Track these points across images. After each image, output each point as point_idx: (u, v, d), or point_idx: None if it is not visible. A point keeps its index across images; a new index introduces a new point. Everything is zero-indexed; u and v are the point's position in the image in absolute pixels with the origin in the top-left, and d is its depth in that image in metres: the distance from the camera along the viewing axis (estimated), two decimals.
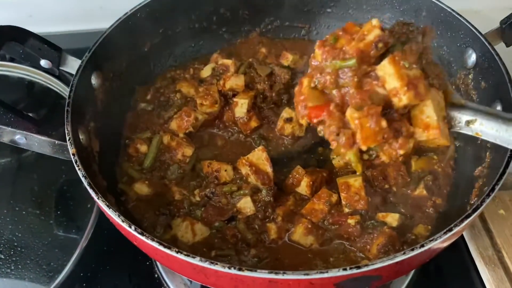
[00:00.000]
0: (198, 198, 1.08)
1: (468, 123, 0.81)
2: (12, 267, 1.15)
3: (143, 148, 1.16)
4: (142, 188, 1.10)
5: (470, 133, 0.82)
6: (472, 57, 1.09)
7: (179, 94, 1.25)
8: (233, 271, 0.72)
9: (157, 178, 1.13)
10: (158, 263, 1.21)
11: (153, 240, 0.76)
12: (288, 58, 1.29)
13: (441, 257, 1.18)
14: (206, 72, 1.28)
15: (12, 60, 1.45)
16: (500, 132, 0.78)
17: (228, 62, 1.24)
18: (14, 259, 1.16)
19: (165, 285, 1.18)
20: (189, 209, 1.07)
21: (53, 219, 1.23)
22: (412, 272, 1.18)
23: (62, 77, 1.44)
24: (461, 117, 0.82)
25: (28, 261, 1.16)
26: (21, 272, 1.14)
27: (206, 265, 0.73)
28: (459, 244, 1.22)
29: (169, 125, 1.20)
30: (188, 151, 1.15)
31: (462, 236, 1.22)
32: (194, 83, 1.27)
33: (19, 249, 1.17)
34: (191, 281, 1.12)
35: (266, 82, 1.22)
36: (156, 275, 1.20)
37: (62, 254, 1.16)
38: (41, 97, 1.46)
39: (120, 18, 1.17)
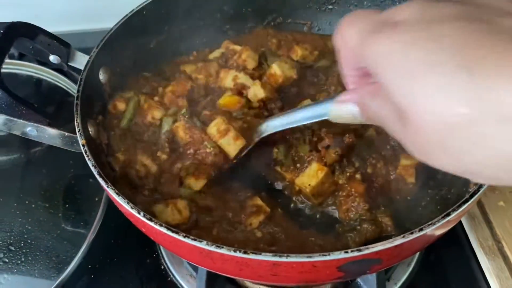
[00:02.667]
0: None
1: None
2: (23, 259, 1.17)
3: (121, 105, 1.17)
4: (119, 157, 1.10)
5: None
6: None
7: (183, 75, 1.27)
8: (238, 254, 0.74)
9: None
10: (164, 255, 1.23)
11: (161, 225, 0.78)
12: (297, 53, 1.31)
13: (442, 247, 1.22)
14: (213, 54, 1.30)
15: (20, 58, 1.49)
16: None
17: (238, 48, 1.26)
18: (24, 251, 1.19)
19: (171, 276, 1.21)
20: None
21: (61, 213, 1.26)
22: (413, 262, 1.20)
23: (69, 75, 1.48)
24: None
25: (38, 253, 1.19)
26: (31, 263, 1.17)
27: (212, 248, 0.75)
28: (460, 235, 1.25)
29: (164, 89, 1.21)
30: (157, 113, 1.15)
31: (462, 227, 1.25)
32: (198, 63, 1.29)
33: (29, 241, 1.20)
34: (196, 271, 1.14)
35: None
36: (162, 267, 1.23)
37: (71, 247, 1.19)
38: (48, 94, 1.49)
39: (126, 15, 1.20)
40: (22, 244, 1.20)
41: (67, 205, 1.28)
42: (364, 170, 1.09)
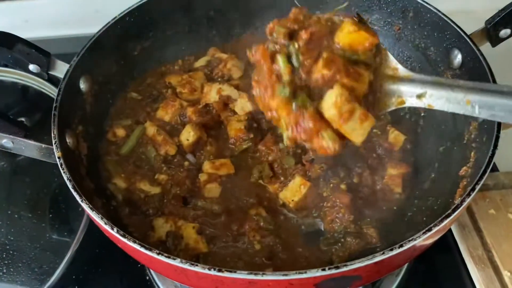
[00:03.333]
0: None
1: (419, 97, 0.82)
2: (4, 270, 1.16)
3: (120, 132, 1.17)
4: (119, 183, 1.11)
5: (423, 106, 0.83)
6: (458, 58, 1.09)
7: (170, 90, 1.25)
8: (213, 272, 0.72)
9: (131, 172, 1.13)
10: None
11: (134, 242, 0.76)
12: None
13: (431, 257, 1.20)
14: (199, 63, 1.29)
15: (5, 65, 1.47)
16: (450, 102, 0.79)
17: (224, 56, 1.24)
18: (6, 262, 1.17)
19: (155, 286, 1.19)
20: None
21: (45, 222, 1.24)
22: (403, 272, 1.18)
23: (56, 82, 1.46)
24: (412, 91, 0.83)
25: (20, 264, 1.17)
26: (13, 275, 1.15)
27: (186, 266, 0.73)
28: (450, 244, 1.22)
29: (156, 114, 1.21)
30: (172, 150, 1.16)
31: (452, 236, 1.22)
32: (183, 74, 1.28)
33: (11, 252, 1.18)
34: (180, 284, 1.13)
35: None
36: (147, 277, 1.21)
37: (54, 257, 1.17)
38: (34, 102, 1.47)
39: (108, 22, 1.18)
40: (4, 255, 1.18)
41: (51, 215, 1.26)
42: (350, 180, 1.07)
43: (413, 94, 0.83)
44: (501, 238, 1.18)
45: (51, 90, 1.44)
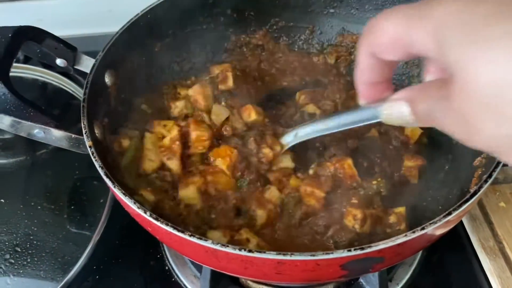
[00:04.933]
0: None
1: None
2: (29, 259, 1.19)
3: (125, 142, 1.15)
4: (147, 196, 1.08)
5: (299, 140, 1.12)
6: None
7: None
8: (243, 252, 0.76)
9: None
10: (168, 256, 1.25)
11: (167, 225, 0.80)
12: (250, 115, 1.23)
13: (443, 248, 1.23)
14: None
15: (26, 61, 1.51)
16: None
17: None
18: (30, 252, 1.20)
19: (175, 277, 1.22)
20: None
21: (66, 214, 1.28)
22: (415, 263, 1.21)
23: (74, 78, 1.50)
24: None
25: (44, 254, 1.20)
26: (37, 264, 1.18)
27: (217, 247, 0.76)
28: (461, 236, 1.26)
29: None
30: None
31: (464, 228, 1.26)
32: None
33: (34, 242, 1.22)
34: (200, 272, 1.15)
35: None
36: (166, 267, 1.24)
37: (76, 248, 1.20)
38: (54, 97, 1.51)
39: (131, 20, 1.21)
40: (28, 245, 1.21)
41: (72, 207, 1.29)
42: (373, 171, 1.11)
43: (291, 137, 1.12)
44: None
45: (71, 87, 1.49)
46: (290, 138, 1.12)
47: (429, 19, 0.52)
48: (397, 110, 0.63)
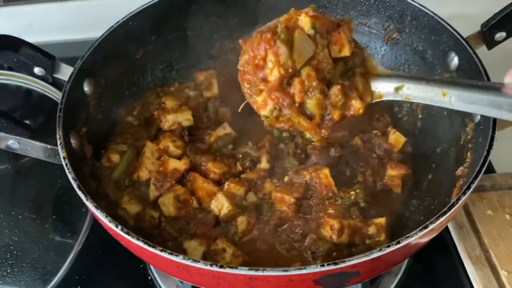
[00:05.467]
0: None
1: (396, 89, 0.88)
2: (9, 270, 1.18)
3: (115, 157, 1.16)
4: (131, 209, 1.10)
5: (400, 98, 0.89)
6: (454, 60, 1.10)
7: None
8: (215, 268, 0.74)
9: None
10: (151, 266, 1.23)
11: (138, 239, 0.78)
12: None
13: (430, 257, 1.22)
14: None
15: (10, 68, 1.49)
16: (427, 92, 0.85)
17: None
18: (10, 262, 1.19)
19: (157, 287, 1.20)
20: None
21: (48, 223, 1.27)
22: (401, 271, 1.19)
23: (59, 85, 1.48)
24: (389, 85, 0.89)
25: (24, 264, 1.19)
26: (17, 275, 1.17)
27: (189, 263, 0.75)
28: (448, 244, 1.24)
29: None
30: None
31: (450, 237, 1.24)
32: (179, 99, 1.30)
33: (15, 252, 1.20)
34: (182, 283, 1.14)
35: None
36: (149, 277, 1.22)
37: (57, 258, 1.18)
38: (38, 105, 1.49)
39: (112, 27, 1.20)
40: (8, 256, 1.20)
41: (54, 216, 1.28)
42: (355, 180, 1.09)
43: (391, 88, 0.89)
44: (498, 239, 1.20)
45: (55, 94, 1.47)
46: (388, 89, 0.91)
47: None
48: None
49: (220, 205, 1.07)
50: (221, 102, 1.32)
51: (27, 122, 1.26)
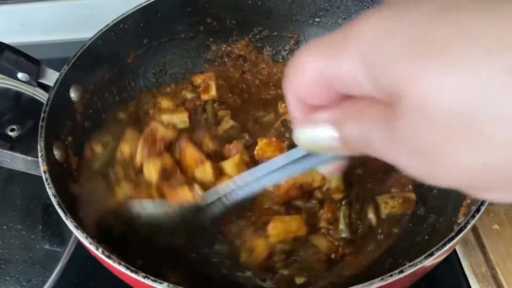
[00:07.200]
0: None
1: None
2: None
3: (98, 148, 1.10)
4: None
5: None
6: None
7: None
8: None
9: None
10: None
11: (120, 264, 0.73)
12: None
13: (433, 273, 1.15)
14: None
15: None
16: None
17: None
18: None
19: None
20: None
21: (35, 234, 1.21)
22: None
23: (48, 88, 1.43)
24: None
25: (8, 278, 1.14)
26: None
27: None
28: (452, 260, 1.18)
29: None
30: None
31: (455, 252, 1.19)
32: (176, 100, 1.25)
33: None
34: None
35: None
36: None
37: (43, 270, 1.14)
38: (27, 108, 1.45)
39: (101, 29, 1.15)
40: None
41: (40, 227, 1.23)
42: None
43: None
44: (505, 255, 1.14)
45: (44, 97, 1.42)
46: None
47: (355, 40, 0.42)
48: (320, 135, 0.51)
49: (204, 173, 1.02)
50: (219, 105, 1.26)
51: (14, 127, 1.20)
